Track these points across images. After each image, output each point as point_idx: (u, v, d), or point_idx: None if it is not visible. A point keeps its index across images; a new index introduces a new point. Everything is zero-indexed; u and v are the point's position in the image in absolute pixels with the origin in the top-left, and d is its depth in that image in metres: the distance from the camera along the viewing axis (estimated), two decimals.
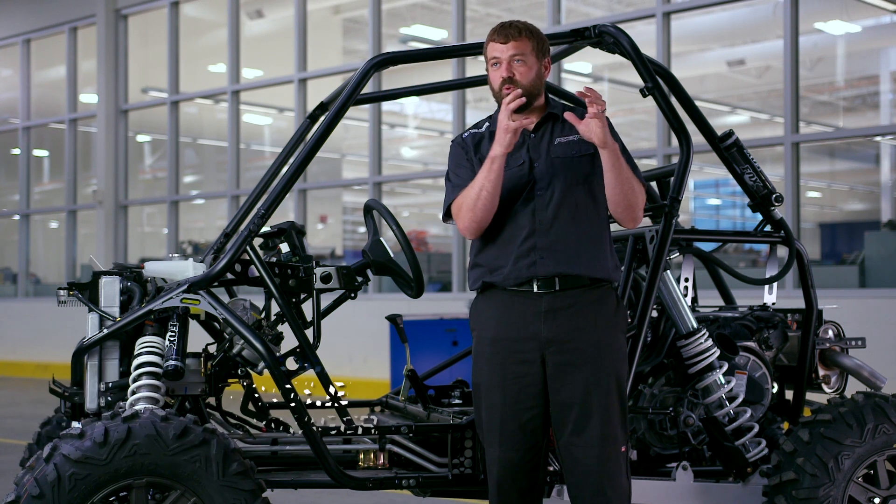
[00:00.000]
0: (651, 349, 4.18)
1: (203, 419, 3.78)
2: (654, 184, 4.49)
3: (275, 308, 3.97)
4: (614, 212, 3.46)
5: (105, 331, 3.71)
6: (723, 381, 4.07)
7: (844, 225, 18.76)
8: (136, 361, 3.66)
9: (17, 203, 17.04)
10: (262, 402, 4.03)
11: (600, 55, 4.32)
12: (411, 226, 21.75)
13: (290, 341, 3.75)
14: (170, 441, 3.31)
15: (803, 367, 4.29)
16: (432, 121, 19.38)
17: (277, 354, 3.73)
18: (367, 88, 4.26)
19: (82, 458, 3.25)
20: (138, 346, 3.72)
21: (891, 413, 3.89)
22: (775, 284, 4.38)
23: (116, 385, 3.70)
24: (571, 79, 14.41)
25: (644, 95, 3.91)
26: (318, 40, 14.54)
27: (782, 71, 9.69)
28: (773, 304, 4.42)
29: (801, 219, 9.68)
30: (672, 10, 10.44)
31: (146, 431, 3.30)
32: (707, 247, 4.53)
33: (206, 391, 3.81)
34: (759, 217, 4.25)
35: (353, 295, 3.95)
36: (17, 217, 17.04)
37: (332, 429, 3.78)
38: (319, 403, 4.05)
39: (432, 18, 15.21)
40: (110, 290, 3.83)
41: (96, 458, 3.25)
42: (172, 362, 3.61)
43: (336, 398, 3.78)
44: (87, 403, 3.73)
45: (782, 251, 4.33)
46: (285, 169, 4.13)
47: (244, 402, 4.09)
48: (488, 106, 3.63)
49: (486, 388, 3.50)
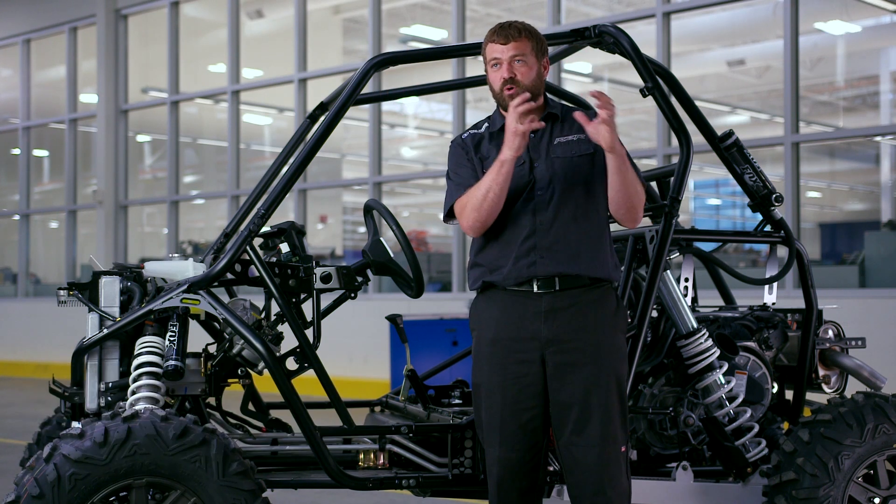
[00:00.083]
0: (651, 349, 4.18)
1: (203, 419, 3.78)
2: (654, 184, 4.49)
3: (275, 308, 3.97)
4: (615, 213, 3.47)
5: (105, 331, 3.71)
6: (723, 381, 4.07)
7: (844, 225, 18.76)
8: (136, 361, 3.66)
9: (17, 203, 17.04)
10: (262, 402, 4.03)
11: (600, 55, 4.32)
12: (411, 226, 21.76)
13: (290, 341, 3.75)
14: (170, 441, 3.31)
15: (803, 367, 4.29)
16: (432, 121, 19.38)
17: (277, 354, 3.73)
18: (367, 88, 4.26)
19: (82, 458, 3.25)
20: (138, 346, 3.72)
21: (891, 413, 3.89)
22: (775, 284, 4.38)
23: (116, 385, 3.70)
24: (571, 79, 14.42)
25: (644, 95, 3.91)
26: (318, 40, 14.54)
27: (782, 71, 9.69)
28: (773, 304, 4.42)
29: (801, 219, 9.68)
30: (672, 10, 10.44)
31: (146, 431, 3.30)
32: (707, 247, 4.53)
33: (206, 391, 3.81)
34: (759, 217, 4.25)
35: (353, 295, 3.95)
36: (17, 217, 17.05)
37: (332, 429, 3.78)
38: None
39: (432, 18, 15.21)
40: (110, 290, 3.83)
41: (96, 458, 3.25)
42: (172, 362, 3.61)
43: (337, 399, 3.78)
44: (87, 403, 3.73)
45: (782, 251, 4.33)
46: (285, 169, 4.13)
47: (244, 402, 4.09)
48: (488, 106, 3.63)
49: (486, 388, 3.50)
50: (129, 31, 15.38)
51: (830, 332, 4.45)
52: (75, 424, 3.45)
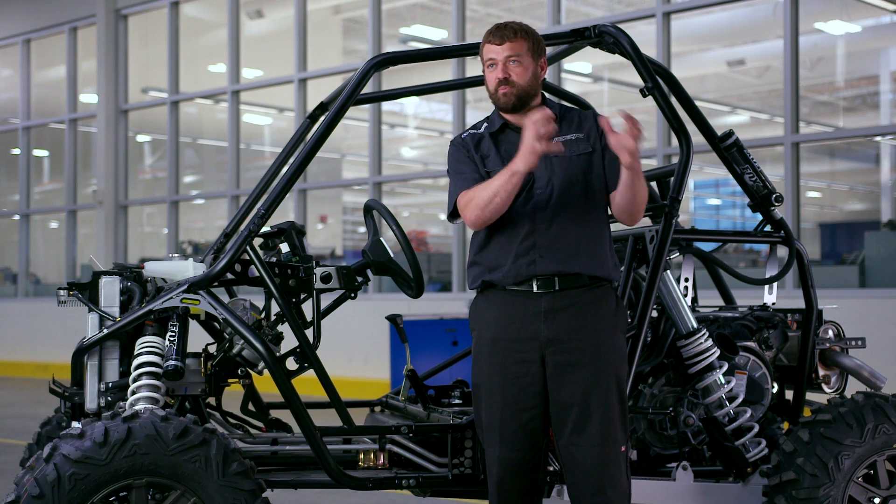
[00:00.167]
0: (651, 349, 4.18)
1: (203, 419, 3.78)
2: (654, 184, 4.49)
3: (275, 308, 3.97)
4: (618, 215, 3.49)
5: (105, 331, 3.71)
6: (723, 381, 4.07)
7: (844, 225, 18.76)
8: (136, 361, 3.66)
9: (17, 203, 17.03)
10: (262, 402, 4.03)
11: (600, 55, 4.32)
12: (411, 226, 21.76)
13: (290, 341, 3.74)
14: (170, 441, 3.31)
15: (803, 367, 4.29)
16: (432, 121, 19.38)
17: (277, 354, 3.73)
18: (367, 88, 4.26)
19: (82, 458, 3.25)
20: (138, 346, 3.72)
21: (891, 413, 3.89)
22: (775, 284, 4.38)
23: (116, 385, 3.70)
24: (571, 79, 14.42)
25: (644, 95, 3.91)
26: (318, 40, 14.54)
27: (782, 71, 9.69)
28: (773, 304, 4.42)
29: (801, 219, 9.67)
30: (672, 10, 10.44)
31: (146, 431, 3.30)
32: (707, 247, 4.53)
33: (206, 391, 3.81)
34: (759, 217, 4.25)
35: (353, 295, 3.95)
36: (17, 217, 17.04)
37: (332, 429, 3.78)
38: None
39: (432, 18, 15.21)
40: (110, 290, 3.83)
41: (96, 458, 3.25)
42: (172, 362, 3.61)
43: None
44: (87, 403, 3.73)
45: (782, 251, 4.33)
46: (285, 169, 4.13)
47: (244, 402, 4.09)
48: (488, 106, 3.63)
49: (486, 388, 3.50)
50: (129, 31, 15.38)
51: (830, 332, 4.45)
52: (75, 424, 3.45)
